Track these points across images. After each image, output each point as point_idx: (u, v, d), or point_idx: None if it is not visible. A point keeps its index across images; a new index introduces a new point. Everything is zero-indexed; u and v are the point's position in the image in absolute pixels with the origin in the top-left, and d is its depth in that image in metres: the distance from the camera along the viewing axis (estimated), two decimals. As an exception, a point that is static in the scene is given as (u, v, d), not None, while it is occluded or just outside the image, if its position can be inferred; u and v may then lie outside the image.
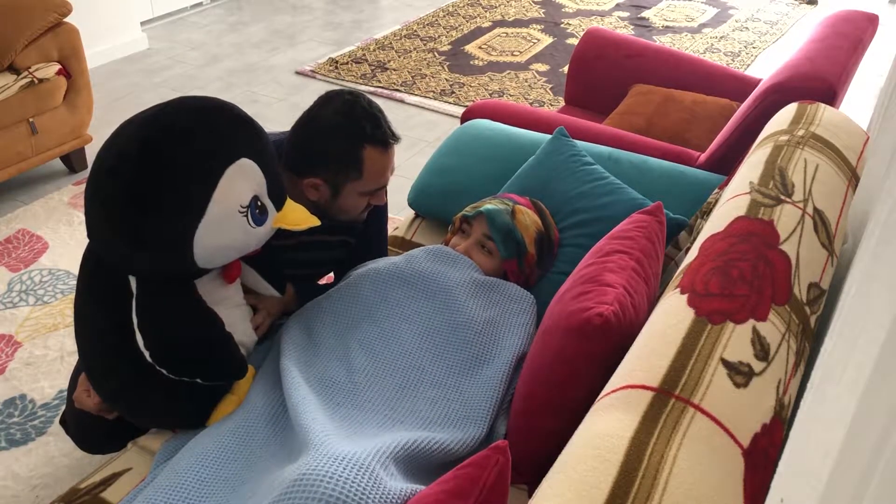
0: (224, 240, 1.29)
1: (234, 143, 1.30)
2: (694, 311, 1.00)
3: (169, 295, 1.33)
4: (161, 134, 1.24)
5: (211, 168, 1.25)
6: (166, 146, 1.23)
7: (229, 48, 4.39)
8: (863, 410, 0.53)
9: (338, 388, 1.38)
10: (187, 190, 1.23)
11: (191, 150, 1.24)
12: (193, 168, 1.24)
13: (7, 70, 2.75)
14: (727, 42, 4.54)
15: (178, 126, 1.26)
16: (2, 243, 2.71)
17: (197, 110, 1.30)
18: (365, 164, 1.52)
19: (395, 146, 1.58)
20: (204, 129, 1.27)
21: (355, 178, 1.54)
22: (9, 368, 2.19)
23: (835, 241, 1.20)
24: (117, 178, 1.23)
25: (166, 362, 1.32)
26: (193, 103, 1.31)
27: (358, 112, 1.52)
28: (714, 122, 2.33)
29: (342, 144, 1.51)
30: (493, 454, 0.94)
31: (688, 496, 0.78)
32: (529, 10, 4.92)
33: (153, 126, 1.25)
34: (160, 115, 1.27)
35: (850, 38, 1.99)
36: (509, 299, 1.57)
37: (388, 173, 1.60)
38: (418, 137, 3.50)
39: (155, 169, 1.22)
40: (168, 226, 1.23)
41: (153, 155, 1.22)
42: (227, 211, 1.27)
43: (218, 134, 1.28)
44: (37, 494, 1.84)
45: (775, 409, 0.92)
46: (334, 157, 1.52)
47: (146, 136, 1.24)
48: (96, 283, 1.35)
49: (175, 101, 1.31)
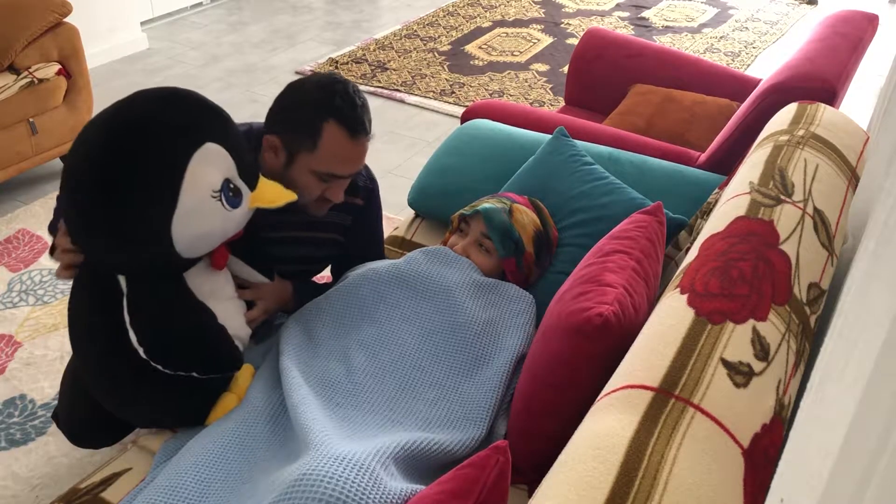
0: (203, 227, 1.30)
1: (197, 128, 1.30)
2: (694, 311, 1.00)
3: (159, 290, 1.33)
4: (122, 129, 1.25)
5: (175, 156, 1.26)
6: (127, 140, 1.24)
7: (229, 48, 4.39)
8: (863, 410, 0.53)
9: (337, 389, 1.38)
10: (156, 181, 1.24)
11: (153, 142, 1.25)
12: (158, 159, 1.25)
13: (7, 70, 2.75)
14: (727, 42, 4.54)
15: (137, 119, 1.27)
16: (2, 243, 2.71)
17: (155, 100, 1.30)
18: (323, 138, 1.46)
19: (367, 144, 1.52)
20: (163, 118, 1.27)
21: (309, 150, 1.47)
22: (9, 368, 2.19)
23: (835, 241, 1.20)
24: (86, 179, 1.24)
25: (161, 358, 1.32)
26: (151, 94, 1.31)
27: (337, 89, 1.48)
28: (714, 122, 2.33)
29: (308, 110, 1.48)
30: (493, 454, 0.94)
31: (688, 496, 0.78)
32: (529, 10, 4.92)
33: (113, 122, 1.26)
34: (120, 111, 1.28)
35: (850, 38, 1.99)
36: (509, 300, 1.57)
37: (349, 166, 1.52)
38: (418, 137, 3.50)
39: (120, 165, 1.23)
40: (143, 219, 1.24)
41: (116, 151, 1.23)
42: (200, 197, 1.28)
43: (178, 121, 1.28)
44: (37, 494, 1.84)
45: (775, 409, 0.92)
46: (296, 119, 1.49)
47: (108, 134, 1.25)
48: (87, 283, 1.36)
49: (133, 95, 1.31)
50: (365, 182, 1.72)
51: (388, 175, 3.12)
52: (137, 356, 1.31)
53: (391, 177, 3.11)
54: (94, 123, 1.28)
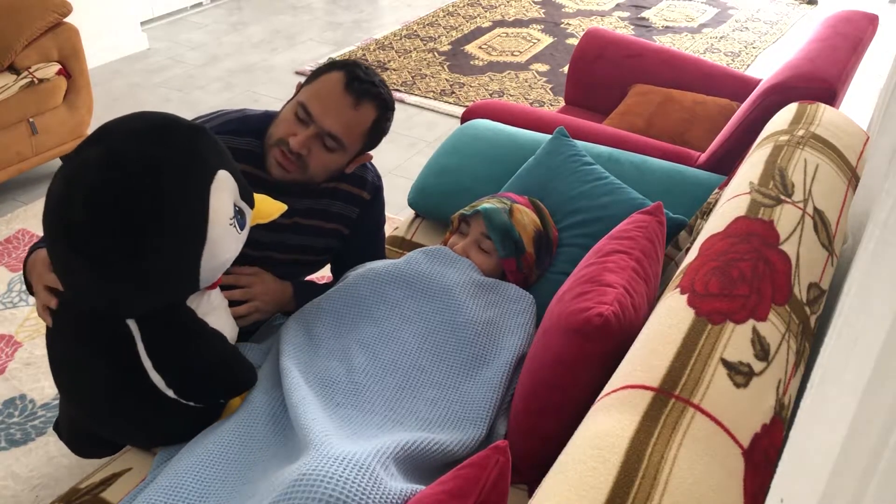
0: (225, 255, 1.27)
1: (204, 159, 1.22)
2: (694, 311, 1.00)
3: (175, 328, 1.28)
4: (129, 177, 1.13)
5: (197, 192, 1.19)
6: (141, 189, 1.13)
7: (229, 48, 4.38)
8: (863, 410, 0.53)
9: (338, 388, 1.38)
10: (185, 222, 1.17)
11: (170, 185, 1.15)
12: (182, 199, 1.17)
13: (7, 70, 2.75)
14: (727, 42, 4.54)
15: (143, 164, 1.14)
16: (2, 243, 2.71)
17: (150, 138, 1.18)
18: (319, 79, 1.52)
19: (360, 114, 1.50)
20: (171, 157, 1.17)
21: (307, 83, 1.54)
22: (9, 368, 2.19)
23: (835, 241, 1.20)
24: (102, 230, 1.12)
25: (195, 394, 1.30)
26: (140, 131, 1.18)
27: (362, 63, 1.57)
28: (714, 122, 2.33)
29: (329, 63, 1.56)
30: (494, 454, 0.94)
31: (688, 496, 0.78)
32: (529, 10, 4.92)
33: (116, 169, 1.13)
34: (116, 155, 1.15)
35: (850, 38, 1.99)
36: (509, 300, 1.57)
37: (325, 111, 1.48)
38: (418, 137, 3.50)
39: (141, 216, 1.12)
40: (174, 262, 1.18)
41: (133, 201, 1.12)
42: (223, 227, 1.23)
43: (186, 157, 1.19)
44: (37, 494, 1.84)
45: (775, 409, 0.92)
46: (318, 68, 1.56)
47: (113, 183, 1.13)
48: (88, 332, 1.27)
49: (117, 134, 1.18)
50: (373, 178, 1.72)
51: (388, 175, 3.12)
52: (154, 394, 1.28)
53: (391, 177, 3.11)
54: (88, 167, 1.14)
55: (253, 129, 1.57)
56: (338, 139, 1.50)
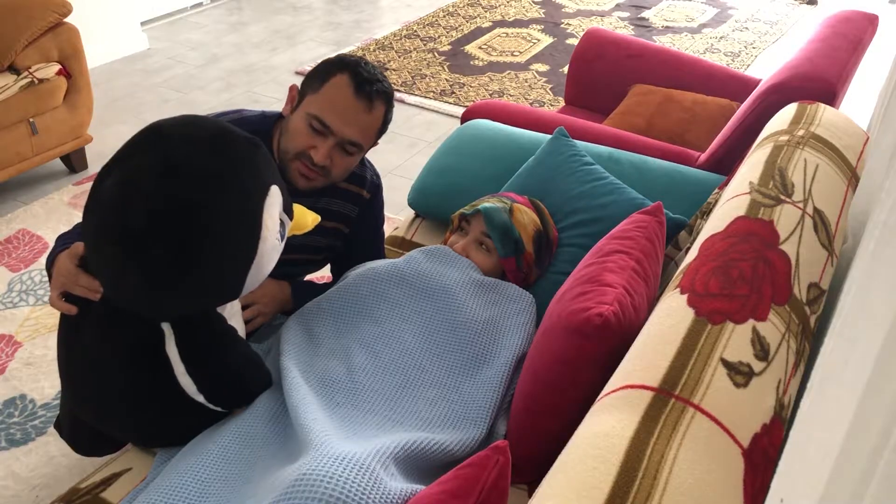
0: (268, 267, 1.27)
1: (261, 173, 1.22)
2: (694, 311, 1.00)
3: (210, 332, 1.29)
4: (189, 188, 1.13)
5: (253, 210, 1.19)
6: (201, 202, 1.13)
7: (229, 48, 4.39)
8: (863, 410, 0.53)
9: (338, 388, 1.38)
10: (238, 240, 1.18)
11: (228, 199, 1.15)
12: (237, 216, 1.17)
13: (7, 70, 2.75)
14: (727, 42, 4.54)
15: (204, 175, 1.14)
16: (2, 243, 2.71)
17: (210, 149, 1.18)
18: (329, 83, 1.51)
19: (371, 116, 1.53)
20: (230, 170, 1.17)
21: (314, 91, 1.52)
22: (9, 368, 2.19)
23: (835, 241, 1.20)
24: (156, 242, 1.12)
25: (226, 398, 1.31)
26: (198, 139, 1.18)
27: (366, 61, 1.57)
28: (714, 122, 2.33)
29: (333, 59, 1.56)
30: (494, 454, 0.94)
31: (688, 496, 0.78)
32: (529, 10, 4.92)
33: (176, 178, 1.13)
34: (175, 163, 1.14)
35: (850, 38, 1.99)
36: (509, 299, 1.57)
37: (343, 122, 1.50)
38: (418, 137, 3.50)
39: (199, 230, 1.13)
40: (223, 277, 1.20)
41: (191, 214, 1.13)
42: (271, 243, 1.24)
43: (245, 171, 1.19)
44: (37, 494, 1.84)
45: (775, 409, 0.92)
46: (316, 70, 1.56)
47: (173, 193, 1.13)
48: (114, 331, 1.26)
49: (174, 140, 1.17)
50: (372, 176, 1.73)
51: (388, 175, 3.12)
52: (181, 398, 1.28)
53: (391, 177, 3.11)
54: (149, 172, 1.14)
55: (252, 130, 1.57)
56: (357, 144, 1.55)
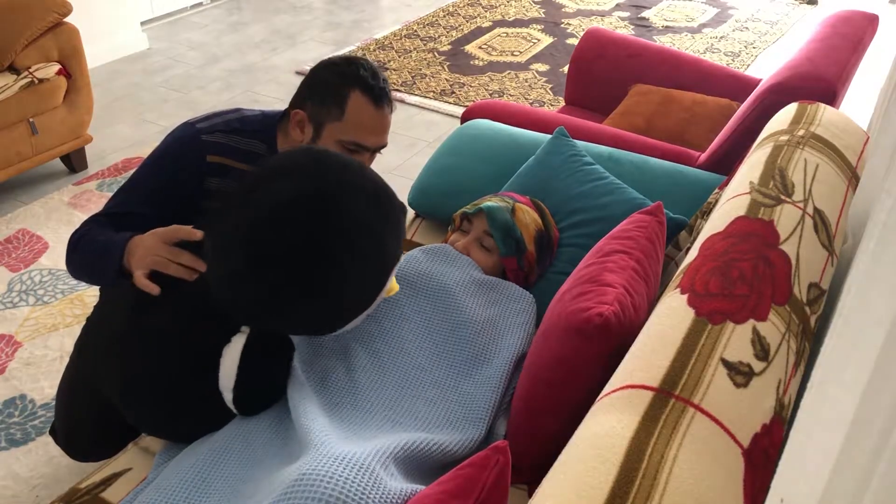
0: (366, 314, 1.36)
1: (400, 240, 1.33)
2: (694, 311, 1.00)
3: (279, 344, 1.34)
4: (341, 235, 1.20)
5: (385, 272, 1.28)
6: (349, 250, 1.21)
7: (229, 48, 4.38)
8: (863, 410, 0.53)
9: (338, 388, 1.38)
10: (361, 298, 1.26)
11: (371, 256, 1.24)
12: (372, 276, 1.25)
13: (7, 70, 2.75)
14: (727, 42, 4.54)
15: (359, 224, 1.22)
16: (2, 243, 2.71)
17: (371, 201, 1.26)
18: (348, 107, 1.51)
19: (390, 117, 1.58)
20: (384, 229, 1.27)
21: (336, 119, 1.52)
22: (9, 368, 2.19)
23: (835, 241, 1.20)
24: (290, 274, 1.18)
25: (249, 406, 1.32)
26: (360, 187, 1.26)
27: (360, 61, 1.56)
28: (714, 122, 2.33)
29: (333, 79, 1.54)
30: (493, 454, 0.94)
31: (688, 496, 0.78)
32: (529, 10, 4.92)
33: (330, 219, 1.20)
34: (331, 205, 1.20)
35: (850, 38, 1.99)
36: (509, 299, 1.57)
37: (375, 136, 1.56)
38: (418, 137, 3.50)
39: (337, 279, 1.20)
40: (334, 318, 1.26)
41: (335, 260, 1.20)
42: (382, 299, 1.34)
43: (393, 233, 1.30)
44: (37, 494, 1.84)
45: (775, 409, 0.92)
46: (323, 91, 1.53)
47: (323, 234, 1.19)
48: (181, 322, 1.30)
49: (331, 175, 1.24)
50: None
51: (388, 175, 3.12)
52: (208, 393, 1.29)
53: (391, 177, 3.11)
54: (297, 207, 1.19)
55: (254, 129, 1.58)
56: (386, 143, 1.60)
